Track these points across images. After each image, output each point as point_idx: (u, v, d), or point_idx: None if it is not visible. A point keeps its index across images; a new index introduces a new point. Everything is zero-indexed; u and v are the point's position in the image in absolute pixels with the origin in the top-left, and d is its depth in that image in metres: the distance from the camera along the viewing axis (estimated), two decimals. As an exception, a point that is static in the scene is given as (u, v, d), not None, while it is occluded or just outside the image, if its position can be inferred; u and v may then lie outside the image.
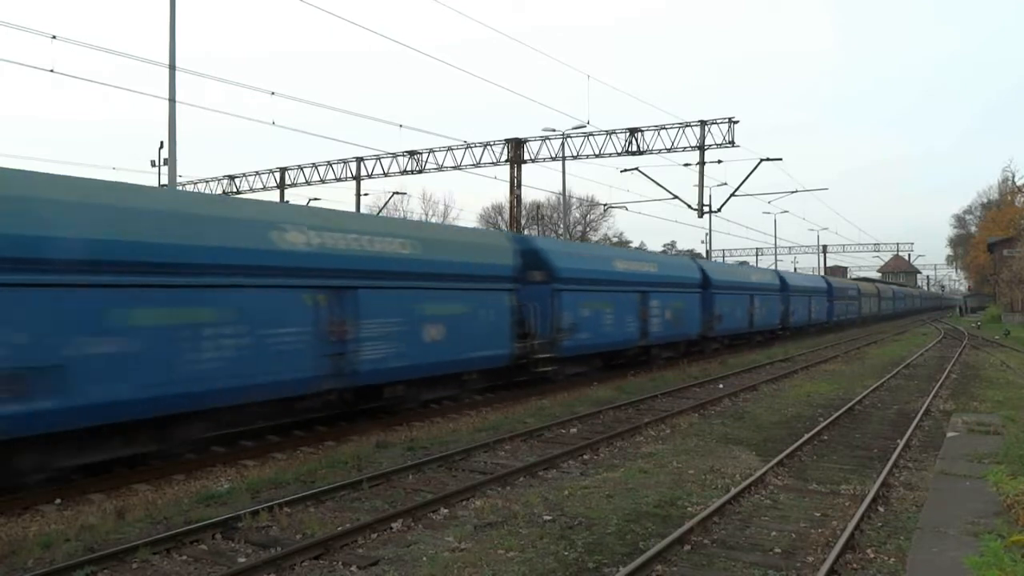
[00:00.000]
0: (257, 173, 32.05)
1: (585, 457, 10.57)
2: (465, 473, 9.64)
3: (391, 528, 7.31)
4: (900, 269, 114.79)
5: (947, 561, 5.67)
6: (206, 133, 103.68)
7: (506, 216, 31.94)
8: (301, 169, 31.23)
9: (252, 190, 32.17)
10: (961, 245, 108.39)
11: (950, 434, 11.30)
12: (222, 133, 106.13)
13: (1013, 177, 68.36)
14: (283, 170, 31.82)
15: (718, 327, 26.98)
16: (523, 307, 15.86)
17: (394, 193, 33.39)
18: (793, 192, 40.42)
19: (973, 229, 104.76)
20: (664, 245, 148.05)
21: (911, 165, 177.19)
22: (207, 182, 33.15)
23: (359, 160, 30.21)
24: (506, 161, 28.08)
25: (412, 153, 29.14)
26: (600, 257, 20.45)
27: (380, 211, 34.17)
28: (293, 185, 31.68)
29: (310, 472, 9.47)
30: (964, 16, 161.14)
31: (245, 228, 9.02)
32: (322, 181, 30.85)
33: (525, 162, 28.13)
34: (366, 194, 31.09)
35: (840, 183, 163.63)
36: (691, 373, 21.28)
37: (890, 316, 72.58)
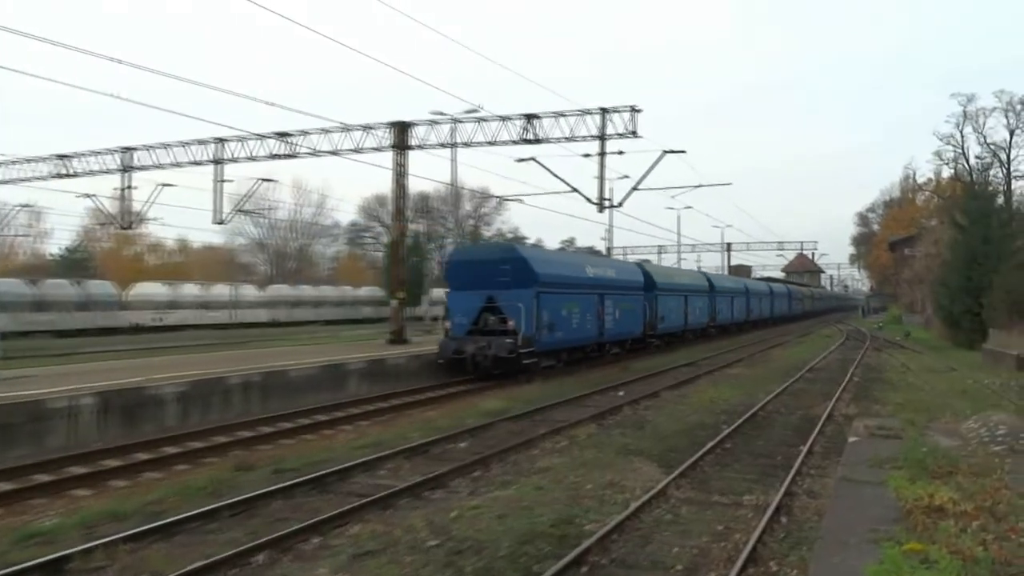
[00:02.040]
0: (96, 153, 30.30)
1: (475, 474, 10.58)
2: (341, 496, 9.46)
3: (254, 562, 7.07)
4: (804, 268, 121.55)
5: (848, 571, 6.01)
6: (34, 105, 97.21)
7: (390, 208, 31.61)
8: (150, 150, 29.75)
9: (91, 173, 30.38)
10: (864, 244, 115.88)
11: (852, 439, 12.03)
12: (53, 106, 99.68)
13: (914, 175, 73.78)
14: (128, 150, 30.23)
15: (660, 326, 32.75)
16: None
17: (261, 180, 32.27)
18: (697, 187, 42.04)
19: (876, 228, 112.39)
20: (562, 241, 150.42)
21: (817, 163, 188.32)
22: (32, 162, 31.01)
23: (220, 141, 29.09)
24: (390, 146, 27.74)
25: (282, 135, 28.32)
26: (571, 263, 27.19)
27: (244, 200, 32.97)
28: (141, 168, 30.15)
29: (157, 501, 9.03)
30: (874, 17, 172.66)
31: (578, 266, 25.31)
32: (176, 164, 29.51)
33: (411, 148, 27.89)
34: (228, 180, 29.91)
35: (745, 179, 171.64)
36: (591, 380, 21.76)
37: (799, 316, 79.46)
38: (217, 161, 29.53)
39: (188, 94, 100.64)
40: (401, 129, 27.72)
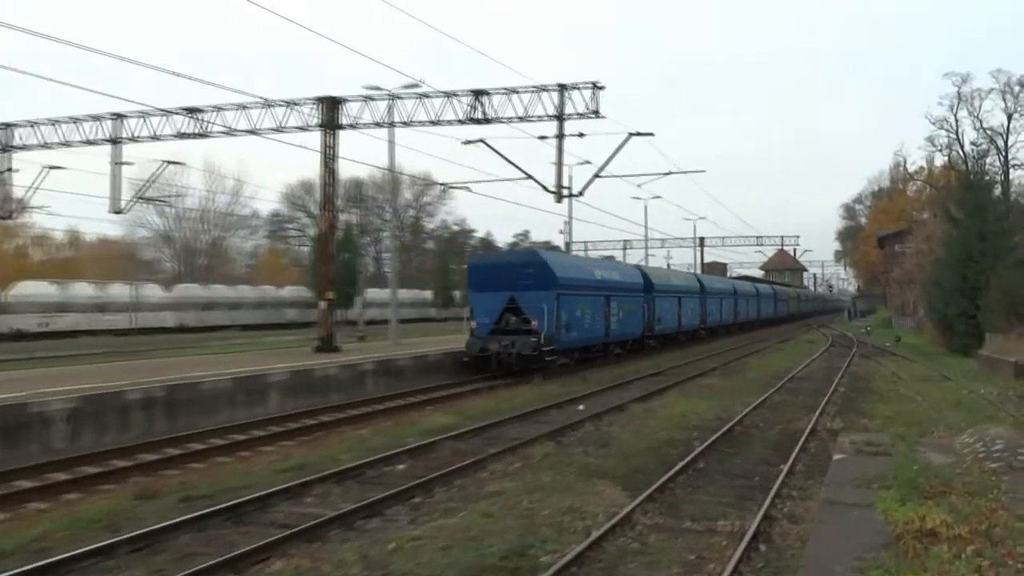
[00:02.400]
0: (-32, 129, 29.42)
1: (416, 500, 10.56)
2: (260, 528, 9.36)
3: (158, 605, 6.94)
4: (785, 266, 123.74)
5: (833, 604, 6.15)
6: None
7: (317, 196, 31.35)
8: (34, 126, 28.99)
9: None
10: (850, 239, 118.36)
11: (837, 456, 12.30)
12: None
13: (905, 163, 75.13)
14: (7, 127, 29.42)
15: (657, 328, 37.30)
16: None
17: (166, 163, 31.67)
18: (667, 174, 42.41)
19: (863, 221, 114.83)
20: (515, 236, 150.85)
21: (799, 147, 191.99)
22: None
23: (118, 117, 28.52)
24: (317, 125, 27.49)
25: (192, 111, 27.87)
26: (583, 267, 31.77)
27: (147, 186, 32.34)
28: (23, 148, 29.36)
29: (42, 537, 8.84)
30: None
31: (588, 269, 30.68)
32: (65, 144, 28.82)
33: (342, 127, 27.68)
34: (128, 163, 29.29)
35: (720, 166, 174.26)
36: (549, 392, 21.93)
37: (785, 319, 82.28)
38: (115, 140, 28.94)
39: (80, 62, 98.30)
40: (331, 105, 27.49)
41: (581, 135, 27.76)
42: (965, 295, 33.76)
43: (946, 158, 61.23)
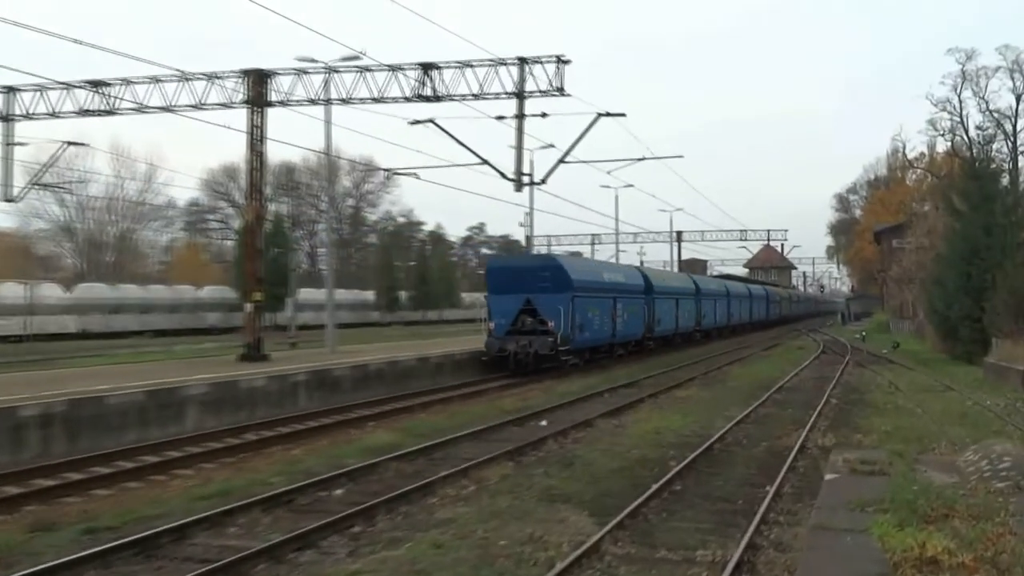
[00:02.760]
0: None
1: (356, 530, 10.51)
2: (176, 563, 9.26)
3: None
4: (772, 263, 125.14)
5: (824, 641, 6.23)
6: None
7: (242, 183, 31.11)
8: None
9: None
10: (844, 233, 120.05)
11: (829, 476, 12.47)
12: None
13: (903, 148, 76.33)
14: None
15: (657, 329, 42.04)
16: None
17: (67, 144, 31.19)
18: (640, 159, 42.69)
19: (858, 213, 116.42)
20: (469, 229, 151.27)
21: (788, 133, 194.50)
22: None
23: (10, 91, 28.04)
24: (243, 102, 27.24)
25: (97, 84, 27.48)
26: (593, 269, 37.69)
27: (44, 170, 31.81)
28: None
29: (-79, 576, 8.65)
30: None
31: (597, 271, 36.77)
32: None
33: (271, 104, 27.48)
34: (22, 143, 28.80)
35: (699, 151, 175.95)
36: (505, 407, 22.00)
37: (776, 321, 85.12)
38: (5, 118, 28.46)
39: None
40: (258, 79, 27.25)
41: (544, 115, 27.85)
42: (969, 296, 34.24)
43: (949, 143, 62.22)
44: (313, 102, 27.63)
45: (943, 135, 62.69)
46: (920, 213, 61.59)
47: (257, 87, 27.23)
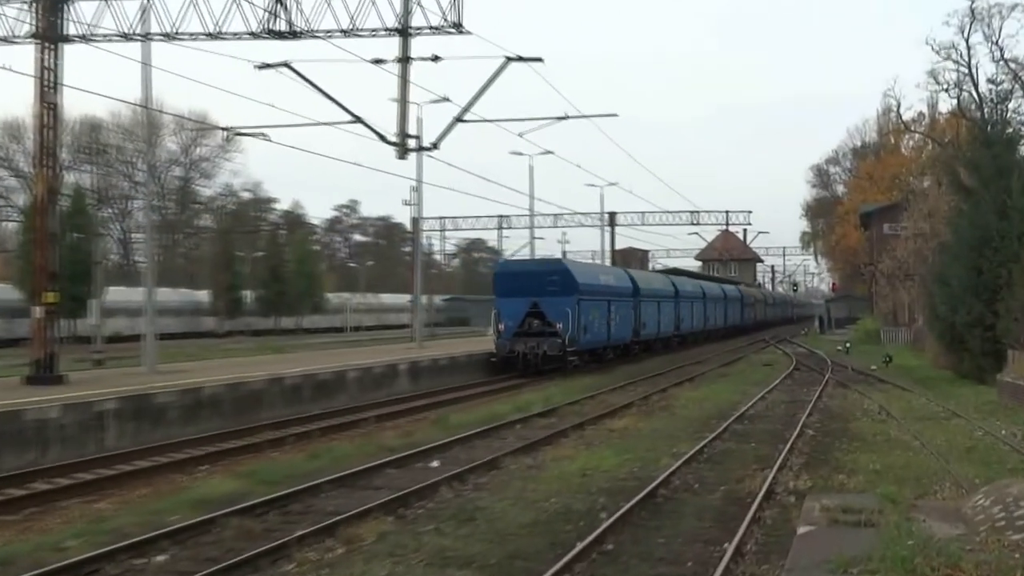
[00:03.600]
0: None
1: (183, 610, 10.36)
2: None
3: None
4: (731, 254, 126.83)
5: None
6: None
7: (28, 145, 30.51)
8: None
9: None
10: (823, 215, 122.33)
11: (803, 529, 12.66)
12: None
13: (898, 107, 77.33)
14: None
15: (643, 332, 53.65)
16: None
17: None
18: (561, 119, 42.87)
19: (841, 190, 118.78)
20: (338, 208, 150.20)
21: (751, 84, 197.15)
22: None
23: None
24: (30, 36, 26.63)
25: None
26: (593, 272, 47.83)
27: None
28: None
29: None
30: None
31: (595, 274, 49.97)
32: None
33: (69, 40, 26.92)
34: None
35: (640, 112, 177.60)
36: (385, 443, 21.90)
37: (750, 327, 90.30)
38: None
39: None
40: (51, 5, 26.64)
41: (435, 59, 27.89)
42: (980, 296, 34.50)
43: (955, 101, 63.02)
44: (126, 37, 27.10)
45: (947, 90, 62.96)
46: (919, 191, 62.84)
47: (49, 16, 26.59)
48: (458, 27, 25.65)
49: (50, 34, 26.69)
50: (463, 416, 27.01)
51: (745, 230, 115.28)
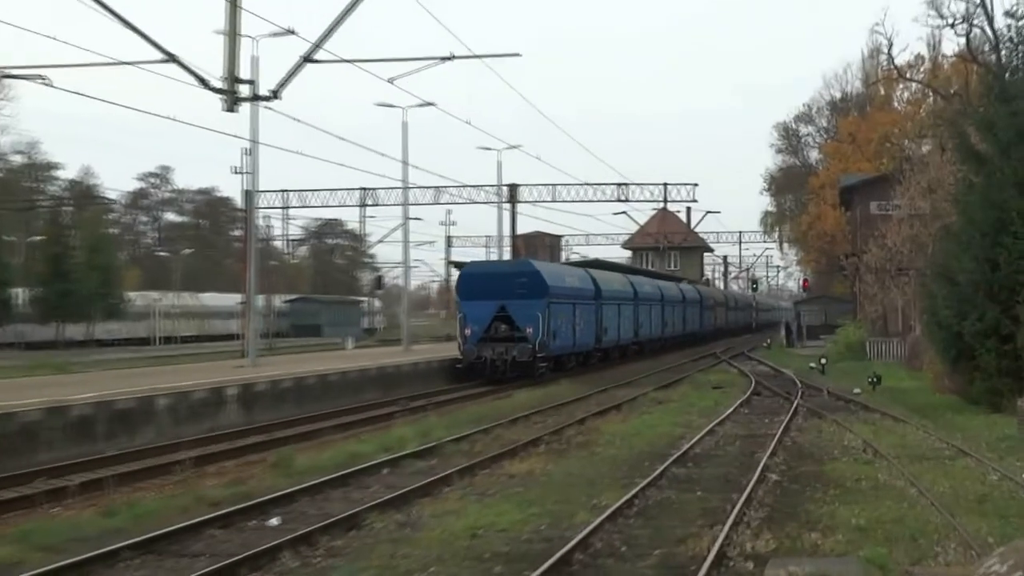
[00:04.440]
0: None
1: None
2: None
3: None
4: (673, 239, 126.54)
5: None
6: None
7: None
8: None
9: None
10: (791, 190, 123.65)
11: (764, 607, 12.79)
12: None
13: (890, 48, 78.20)
14: None
15: (604, 339, 64.72)
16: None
17: None
18: (447, 59, 42.81)
19: (815, 157, 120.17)
20: (143, 177, 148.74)
21: (696, 17, 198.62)
22: None
23: None
24: None
25: None
26: (561, 274, 59.19)
27: None
28: None
29: None
30: None
31: (562, 276, 61.93)
32: None
33: None
34: None
35: (553, 54, 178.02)
36: (206, 494, 21.75)
37: (708, 334, 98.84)
38: None
39: None
40: None
41: (276, -25, 27.63)
42: (995, 297, 34.95)
43: (962, 39, 63.82)
44: None
45: (953, 25, 63.38)
46: (916, 158, 63.52)
47: None
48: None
49: None
50: (313, 457, 26.83)
51: (689, 209, 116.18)
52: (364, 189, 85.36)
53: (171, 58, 28.35)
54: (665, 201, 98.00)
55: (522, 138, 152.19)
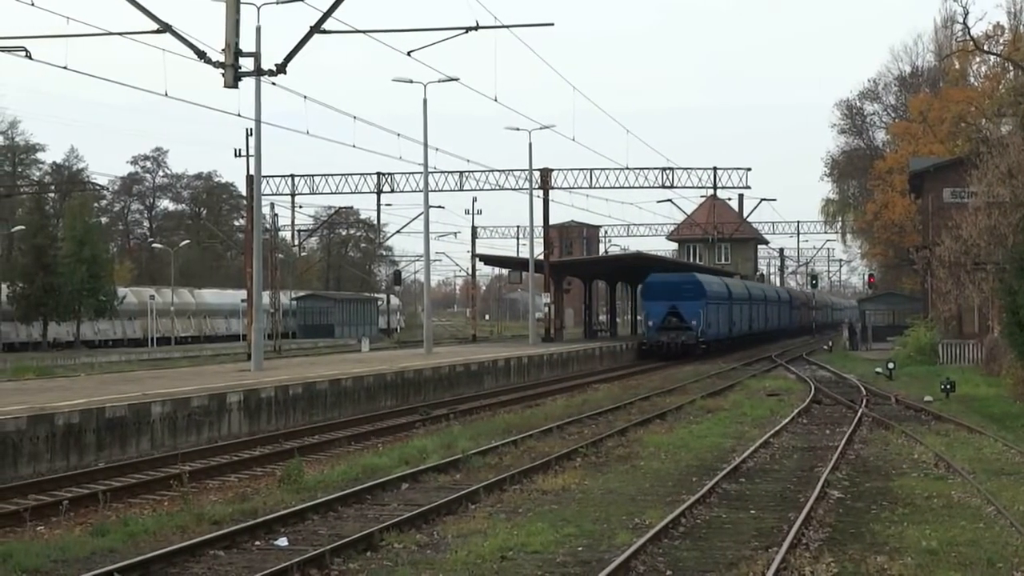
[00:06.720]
0: None
1: None
2: None
3: None
4: (725, 229, 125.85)
5: None
6: None
7: None
8: None
9: None
10: (855, 175, 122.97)
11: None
12: None
13: (965, 17, 78.20)
14: None
15: (733, 331, 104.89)
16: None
17: None
18: (471, 29, 42.80)
19: (882, 138, 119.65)
20: (135, 160, 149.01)
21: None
22: None
23: None
24: None
25: None
26: (714, 280, 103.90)
27: None
28: None
29: None
30: None
31: (719, 284, 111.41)
32: None
33: None
34: None
35: (589, 28, 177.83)
36: (207, 511, 21.58)
37: (798, 331, 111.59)
38: None
39: None
40: None
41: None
42: None
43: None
44: None
45: None
46: (994, 139, 63.45)
47: None
48: None
49: None
50: (324, 471, 26.85)
51: (741, 196, 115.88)
52: (380, 174, 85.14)
53: (166, 28, 28.43)
54: (715, 187, 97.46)
55: (555, 118, 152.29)
